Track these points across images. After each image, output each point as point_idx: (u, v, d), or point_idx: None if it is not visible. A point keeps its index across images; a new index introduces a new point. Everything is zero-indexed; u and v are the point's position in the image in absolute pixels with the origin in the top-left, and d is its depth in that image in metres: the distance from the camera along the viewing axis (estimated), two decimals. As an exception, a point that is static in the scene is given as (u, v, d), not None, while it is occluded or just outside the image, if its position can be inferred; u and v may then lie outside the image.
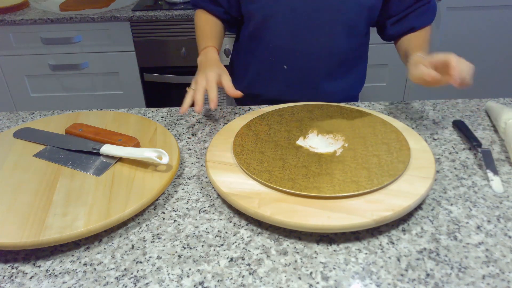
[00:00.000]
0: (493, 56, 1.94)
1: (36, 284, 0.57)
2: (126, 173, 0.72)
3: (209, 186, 0.73)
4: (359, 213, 0.61)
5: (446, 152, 0.80)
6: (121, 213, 0.63)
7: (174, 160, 0.74)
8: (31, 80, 1.88)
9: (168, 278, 0.57)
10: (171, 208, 0.69)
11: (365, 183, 0.66)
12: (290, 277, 0.56)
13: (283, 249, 0.61)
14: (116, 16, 1.71)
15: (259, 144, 0.76)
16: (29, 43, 1.78)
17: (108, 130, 0.82)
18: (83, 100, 1.93)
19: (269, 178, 0.67)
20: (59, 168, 0.74)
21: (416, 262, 0.58)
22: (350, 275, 0.56)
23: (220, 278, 0.57)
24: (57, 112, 0.96)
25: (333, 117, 0.84)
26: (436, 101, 0.97)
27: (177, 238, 0.63)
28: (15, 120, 0.94)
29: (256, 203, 0.63)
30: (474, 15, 1.84)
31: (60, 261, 0.60)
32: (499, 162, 0.76)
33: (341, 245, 0.61)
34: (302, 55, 0.98)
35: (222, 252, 0.60)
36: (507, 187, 0.71)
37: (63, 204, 0.65)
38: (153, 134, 0.82)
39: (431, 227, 0.63)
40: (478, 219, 0.64)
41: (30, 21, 1.71)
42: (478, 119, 0.90)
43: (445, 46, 1.89)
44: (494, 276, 0.56)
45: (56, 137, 0.82)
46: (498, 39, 1.90)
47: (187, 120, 0.93)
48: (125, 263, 0.59)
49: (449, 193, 0.70)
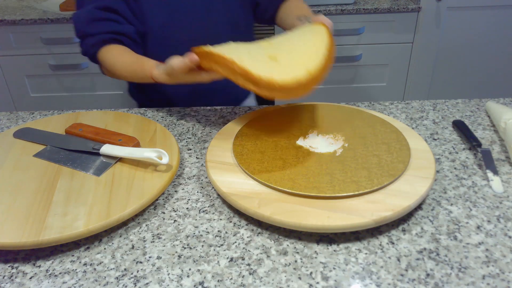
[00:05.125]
0: (493, 56, 1.94)
1: (36, 284, 0.57)
2: (126, 173, 0.72)
3: (209, 186, 0.73)
4: (359, 213, 0.61)
5: (446, 152, 0.80)
6: (121, 213, 0.63)
7: (174, 160, 0.74)
8: (31, 80, 1.88)
9: (168, 278, 0.57)
10: (171, 208, 0.69)
11: (365, 183, 0.66)
12: (290, 277, 0.56)
13: (283, 249, 0.61)
14: (116, 16, 1.71)
15: (259, 144, 0.76)
16: (29, 43, 1.78)
17: (108, 130, 0.82)
18: (83, 100, 1.93)
19: (269, 178, 0.67)
20: (59, 168, 0.74)
21: (416, 262, 0.58)
22: (350, 275, 0.56)
23: (220, 278, 0.57)
24: (57, 112, 0.96)
25: (333, 117, 0.84)
26: (436, 101, 0.97)
27: (177, 238, 0.63)
28: (15, 120, 0.94)
29: (256, 203, 0.63)
30: (474, 15, 1.84)
31: (60, 261, 0.60)
32: (499, 162, 0.76)
33: (341, 245, 0.61)
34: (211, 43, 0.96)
35: (222, 252, 0.60)
36: (507, 187, 0.71)
37: (63, 204, 0.65)
38: (153, 134, 0.82)
39: (431, 227, 0.63)
40: (478, 219, 0.64)
41: (30, 21, 1.71)
42: (478, 119, 0.90)
43: (445, 46, 1.89)
44: (494, 276, 0.56)
45: (56, 137, 0.82)
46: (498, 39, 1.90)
47: (187, 120, 0.93)
48: (125, 263, 0.59)
49: (449, 193, 0.70)
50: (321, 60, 0.71)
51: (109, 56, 0.89)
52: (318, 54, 0.73)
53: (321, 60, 0.72)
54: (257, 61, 0.71)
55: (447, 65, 1.95)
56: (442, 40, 1.89)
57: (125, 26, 0.91)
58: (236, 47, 0.75)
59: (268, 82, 0.67)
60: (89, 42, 0.91)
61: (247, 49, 0.75)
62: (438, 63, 1.94)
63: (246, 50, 0.74)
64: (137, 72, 0.83)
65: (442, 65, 1.95)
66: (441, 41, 1.89)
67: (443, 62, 1.95)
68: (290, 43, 0.77)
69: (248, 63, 0.70)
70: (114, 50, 0.89)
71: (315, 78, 0.70)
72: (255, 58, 0.72)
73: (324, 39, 0.77)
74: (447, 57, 1.93)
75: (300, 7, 1.00)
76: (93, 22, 0.90)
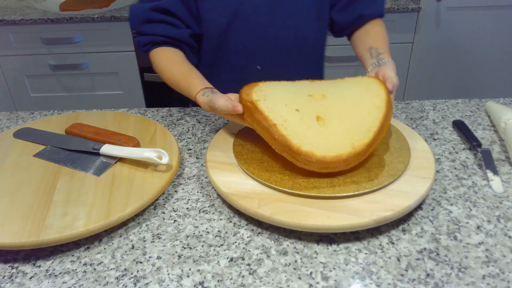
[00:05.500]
0: (493, 56, 1.94)
1: (36, 284, 0.57)
2: (126, 173, 0.72)
3: (209, 186, 0.73)
4: (359, 213, 0.61)
5: (446, 152, 0.80)
6: (121, 213, 0.63)
7: (174, 160, 0.74)
8: (31, 80, 1.88)
9: (168, 278, 0.57)
10: (171, 208, 0.69)
11: (365, 183, 0.66)
12: (290, 277, 0.56)
13: (283, 249, 0.61)
14: (116, 16, 1.71)
15: (259, 144, 0.76)
16: (29, 43, 1.78)
17: (108, 130, 0.82)
18: (83, 100, 1.93)
19: (268, 178, 0.67)
20: (59, 168, 0.74)
21: (416, 262, 0.58)
22: (350, 275, 0.56)
23: (220, 278, 0.57)
24: (57, 112, 0.96)
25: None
26: (436, 101, 0.97)
27: (177, 238, 0.63)
28: (15, 120, 0.94)
29: (256, 203, 0.63)
30: (474, 15, 1.84)
31: (60, 261, 0.60)
32: (499, 162, 0.76)
33: (341, 245, 0.61)
34: (274, 51, 0.94)
35: (222, 252, 0.60)
36: (507, 187, 0.71)
37: (63, 204, 0.65)
38: (153, 134, 0.82)
39: (431, 227, 0.63)
40: (478, 219, 0.64)
41: (30, 21, 1.71)
42: (478, 119, 0.90)
43: (445, 46, 1.89)
44: (494, 276, 0.56)
45: (56, 137, 0.82)
46: (498, 39, 1.90)
47: (187, 120, 0.93)
48: (125, 263, 0.59)
49: (449, 193, 0.70)
50: (370, 138, 0.66)
51: (159, 61, 0.88)
52: (369, 128, 0.67)
53: (371, 137, 0.66)
54: (303, 122, 0.69)
55: (447, 65, 1.95)
56: (442, 40, 1.89)
57: (179, 31, 0.89)
58: (288, 97, 0.72)
59: (307, 154, 0.64)
60: (141, 41, 0.90)
61: (299, 103, 0.71)
62: (438, 63, 1.94)
63: (296, 105, 0.71)
64: (183, 90, 0.83)
65: (442, 65, 1.95)
66: (441, 41, 1.89)
67: (443, 62, 1.95)
68: (343, 103, 0.72)
69: (293, 124, 0.68)
70: (166, 56, 0.88)
71: (358, 155, 0.65)
72: (302, 119, 0.69)
73: (381, 106, 0.70)
74: (447, 57, 1.93)
75: (375, 36, 0.91)
76: (147, 23, 0.89)
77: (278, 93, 0.73)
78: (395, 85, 0.74)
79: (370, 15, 0.94)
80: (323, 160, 0.64)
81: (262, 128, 0.69)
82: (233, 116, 0.74)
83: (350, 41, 0.98)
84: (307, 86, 0.77)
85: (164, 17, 0.87)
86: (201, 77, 0.83)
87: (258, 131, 0.70)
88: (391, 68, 0.78)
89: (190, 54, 0.93)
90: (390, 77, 0.75)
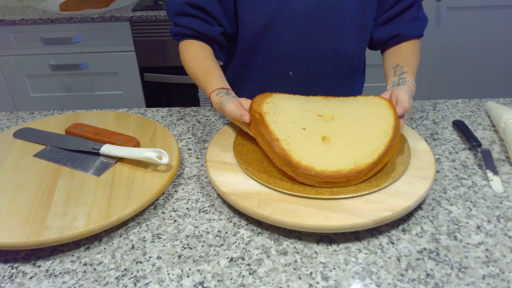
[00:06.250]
0: (493, 56, 1.94)
1: (36, 284, 0.57)
2: (126, 173, 0.72)
3: (209, 186, 0.73)
4: (359, 213, 0.61)
5: (446, 152, 0.80)
6: (121, 213, 0.63)
7: (174, 160, 0.74)
8: (31, 80, 1.88)
9: (168, 278, 0.57)
10: (171, 208, 0.69)
11: (364, 185, 0.65)
12: (290, 277, 0.56)
13: (283, 249, 0.61)
14: (116, 16, 1.71)
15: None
16: (29, 43, 1.78)
17: (108, 130, 0.82)
18: (83, 100, 1.93)
19: (267, 178, 0.67)
20: (59, 168, 0.74)
21: (416, 262, 0.58)
22: (350, 275, 0.56)
23: (220, 278, 0.57)
24: (57, 112, 0.96)
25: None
26: (436, 101, 0.97)
27: (177, 238, 0.63)
28: (15, 120, 0.94)
29: (256, 203, 0.63)
30: (474, 15, 1.84)
31: (60, 261, 0.60)
32: (499, 162, 0.76)
33: (341, 245, 0.61)
34: (308, 60, 0.93)
35: (222, 252, 0.60)
36: (507, 187, 0.71)
37: (63, 204, 0.65)
38: (153, 134, 0.82)
39: (431, 227, 0.63)
40: (478, 219, 0.64)
41: (30, 21, 1.71)
42: (478, 119, 0.90)
43: (445, 46, 1.89)
44: (494, 276, 0.56)
45: (56, 137, 0.82)
46: (498, 39, 1.90)
47: (187, 120, 0.93)
48: (125, 263, 0.59)
49: (449, 193, 0.70)
50: (374, 159, 0.66)
51: (185, 53, 0.89)
52: (374, 150, 0.67)
53: (375, 158, 0.66)
54: (307, 140, 0.69)
55: (447, 65, 1.95)
56: (442, 40, 1.89)
57: (210, 27, 0.89)
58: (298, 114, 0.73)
59: (306, 168, 0.64)
60: (173, 30, 0.92)
61: (307, 122, 0.72)
62: (438, 63, 1.94)
63: (304, 124, 0.72)
64: (200, 85, 0.85)
65: (442, 65, 1.95)
66: (441, 41, 1.89)
67: (443, 62, 1.95)
68: (351, 126, 0.72)
69: (296, 140, 0.68)
70: (192, 50, 0.89)
71: (360, 173, 0.64)
72: (307, 137, 0.69)
73: (387, 132, 0.69)
74: (447, 57, 1.93)
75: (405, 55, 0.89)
76: (181, 16, 0.90)
77: (289, 109, 0.74)
78: (406, 110, 0.72)
79: (407, 36, 0.91)
80: (322, 174, 0.64)
81: (264, 141, 0.69)
82: (239, 123, 0.75)
83: (382, 55, 0.96)
84: (319, 105, 0.77)
85: (197, 12, 0.88)
86: (220, 76, 0.83)
87: (261, 144, 0.71)
88: (406, 90, 0.75)
89: (219, 51, 0.93)
90: (402, 101, 0.73)
